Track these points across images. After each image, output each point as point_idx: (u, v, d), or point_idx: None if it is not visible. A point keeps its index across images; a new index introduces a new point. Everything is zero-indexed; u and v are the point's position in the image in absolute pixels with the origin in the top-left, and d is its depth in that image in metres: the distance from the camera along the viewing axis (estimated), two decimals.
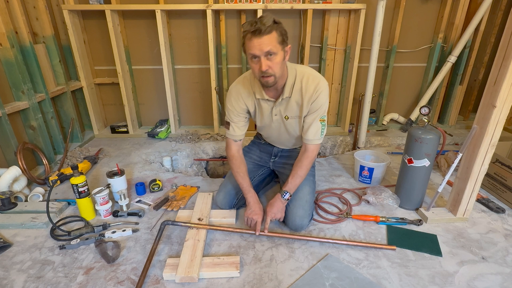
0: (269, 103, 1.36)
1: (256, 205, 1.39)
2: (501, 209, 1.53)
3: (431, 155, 1.41)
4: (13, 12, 1.84)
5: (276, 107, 1.35)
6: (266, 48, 1.09)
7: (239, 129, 1.41)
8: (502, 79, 1.14)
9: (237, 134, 1.42)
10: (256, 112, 1.42)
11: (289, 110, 1.35)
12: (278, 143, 1.59)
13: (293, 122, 1.39)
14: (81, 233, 1.34)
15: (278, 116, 1.38)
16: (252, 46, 1.10)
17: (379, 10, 2.05)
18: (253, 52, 1.11)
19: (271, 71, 1.14)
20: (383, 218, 1.44)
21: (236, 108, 1.38)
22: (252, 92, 1.35)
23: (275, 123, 1.42)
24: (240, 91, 1.37)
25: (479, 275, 1.14)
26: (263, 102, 1.36)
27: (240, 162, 1.44)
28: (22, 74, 1.83)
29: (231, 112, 1.40)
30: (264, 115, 1.41)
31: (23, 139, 1.94)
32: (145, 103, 2.75)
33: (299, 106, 1.33)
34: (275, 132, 1.49)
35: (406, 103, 2.82)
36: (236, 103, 1.38)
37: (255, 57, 1.13)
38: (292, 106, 1.34)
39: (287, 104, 1.34)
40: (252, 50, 1.11)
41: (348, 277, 1.12)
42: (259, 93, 1.32)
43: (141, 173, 1.97)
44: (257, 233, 1.30)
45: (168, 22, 2.41)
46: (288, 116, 1.37)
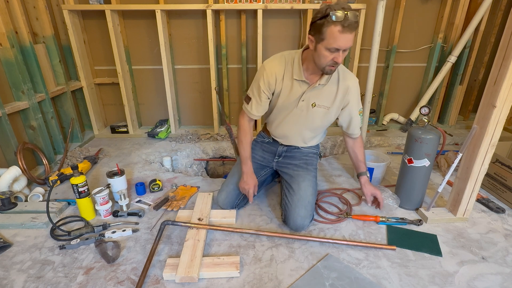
0: (303, 87, 1.37)
1: (249, 177, 1.47)
2: (501, 209, 1.53)
3: (431, 155, 1.41)
4: (13, 12, 1.84)
5: (307, 92, 1.37)
6: (350, 44, 1.14)
7: (257, 108, 1.44)
8: (502, 79, 1.14)
9: (253, 113, 1.46)
10: (281, 92, 1.39)
11: (320, 98, 1.39)
12: (285, 137, 1.54)
13: (318, 111, 1.41)
14: (81, 233, 1.34)
15: (305, 102, 1.39)
16: (340, 40, 1.11)
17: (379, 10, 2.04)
18: (339, 45, 1.12)
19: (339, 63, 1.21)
20: (383, 218, 1.44)
21: (266, 84, 1.37)
22: (287, 71, 1.36)
23: (297, 110, 1.41)
24: (275, 67, 1.36)
25: (479, 275, 1.14)
26: (297, 84, 1.36)
27: (247, 133, 1.50)
28: (22, 74, 1.83)
29: (257, 86, 1.40)
30: (291, 99, 1.40)
31: (23, 139, 1.94)
32: (145, 103, 2.75)
33: (332, 96, 1.39)
34: (291, 121, 1.46)
35: (406, 103, 2.82)
36: (267, 79, 1.36)
37: (337, 50, 1.15)
38: (324, 95, 1.38)
39: (320, 91, 1.38)
40: (338, 44, 1.12)
41: (348, 277, 1.12)
42: (297, 74, 1.34)
43: (141, 173, 1.97)
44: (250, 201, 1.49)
45: (168, 22, 2.41)
46: (316, 103, 1.39)
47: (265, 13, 2.32)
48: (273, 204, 1.62)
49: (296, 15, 2.40)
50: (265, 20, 2.36)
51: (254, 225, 1.45)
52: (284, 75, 1.36)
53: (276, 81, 1.37)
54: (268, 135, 1.63)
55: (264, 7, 2.21)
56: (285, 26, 2.43)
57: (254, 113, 1.45)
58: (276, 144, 1.61)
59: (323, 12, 1.11)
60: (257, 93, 1.41)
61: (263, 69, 1.37)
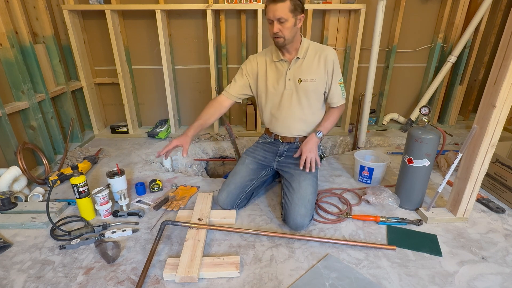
0: (284, 66, 1.49)
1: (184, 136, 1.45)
2: (501, 209, 1.53)
3: (431, 155, 1.41)
4: (13, 12, 1.84)
5: (290, 70, 1.47)
6: (278, 15, 1.30)
7: (234, 89, 1.56)
8: (502, 79, 1.14)
9: (229, 91, 1.56)
10: (268, 76, 1.51)
11: (304, 72, 1.47)
12: (284, 126, 1.57)
13: (307, 86, 1.47)
14: (81, 233, 1.34)
15: (292, 80, 1.48)
16: (268, 11, 1.33)
17: (379, 10, 2.05)
18: (267, 17, 1.34)
19: (281, 33, 1.35)
20: (383, 218, 1.44)
21: (247, 67, 1.55)
22: (268, 58, 1.52)
23: (288, 91, 1.50)
24: (257, 56, 1.56)
25: (479, 275, 1.14)
26: (279, 64, 1.50)
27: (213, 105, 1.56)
28: (22, 74, 1.83)
29: (239, 71, 1.58)
30: (279, 81, 1.50)
31: (23, 139, 1.94)
32: (145, 103, 2.75)
33: (313, 67, 1.46)
34: (286, 105, 1.52)
35: (406, 103, 2.82)
36: (249, 63, 1.56)
37: (270, 21, 1.34)
38: (305, 68, 1.47)
39: (301, 66, 1.47)
40: (267, 15, 1.34)
41: (348, 277, 1.12)
42: (276, 56, 1.49)
43: (141, 173, 1.97)
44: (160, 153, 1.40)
45: (168, 22, 2.41)
46: (302, 79, 1.47)
47: None
48: (273, 204, 1.62)
49: None
50: (265, 20, 2.35)
51: (254, 225, 1.45)
52: (267, 61, 1.52)
53: (257, 64, 1.53)
54: (270, 135, 1.65)
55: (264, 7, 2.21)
56: None
57: (230, 91, 1.56)
58: (277, 143, 1.62)
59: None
60: (237, 77, 1.57)
61: (247, 59, 1.59)
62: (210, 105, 1.56)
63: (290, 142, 1.61)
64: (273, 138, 1.64)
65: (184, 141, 1.44)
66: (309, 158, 1.46)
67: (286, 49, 1.45)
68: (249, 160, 1.63)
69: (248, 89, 1.59)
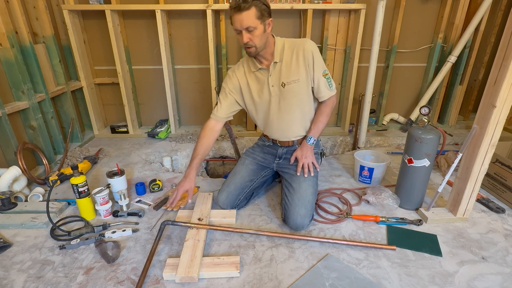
0: (264, 73, 1.43)
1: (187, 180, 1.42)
2: (501, 209, 1.53)
3: (431, 155, 1.41)
4: (13, 12, 1.84)
5: (271, 75, 1.41)
6: (246, 24, 1.23)
7: (222, 110, 1.50)
8: (502, 79, 1.14)
9: (217, 114, 1.50)
10: (251, 88, 1.47)
11: (285, 75, 1.40)
12: (279, 131, 1.53)
13: (291, 88, 1.41)
14: (81, 233, 1.34)
15: (276, 87, 1.43)
16: (234, 22, 1.25)
17: (379, 10, 2.05)
18: (234, 27, 1.27)
19: (252, 43, 1.28)
20: (383, 218, 1.44)
21: (229, 85, 1.49)
22: (246, 69, 1.47)
23: (274, 98, 1.45)
24: (235, 70, 1.51)
25: (479, 275, 1.14)
26: (259, 73, 1.44)
27: (206, 134, 1.49)
28: (22, 74, 1.83)
29: (222, 90, 1.52)
30: (263, 92, 1.45)
31: (23, 139, 1.94)
32: (145, 103, 2.75)
33: (292, 67, 1.39)
34: (276, 111, 1.47)
35: (406, 103, 2.82)
36: (229, 80, 1.50)
37: (238, 31, 1.27)
38: (285, 71, 1.40)
39: (281, 68, 1.40)
40: (234, 25, 1.26)
41: (348, 277, 1.12)
42: (253, 65, 1.43)
43: (141, 173, 1.97)
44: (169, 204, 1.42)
45: (168, 22, 2.41)
46: (285, 82, 1.40)
47: None
48: (273, 204, 1.62)
49: (296, 15, 2.40)
50: None
51: (254, 225, 1.45)
52: (245, 72, 1.47)
53: (238, 79, 1.48)
54: (268, 139, 1.64)
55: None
56: (285, 26, 2.44)
57: (218, 114, 1.50)
58: (276, 146, 1.61)
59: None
60: (222, 97, 1.51)
61: (226, 76, 1.52)
62: (203, 135, 1.49)
63: (288, 145, 1.58)
64: (271, 142, 1.62)
65: (189, 186, 1.42)
66: (305, 163, 1.47)
67: (261, 56, 1.39)
68: (249, 160, 1.63)
69: (236, 105, 1.53)
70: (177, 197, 1.41)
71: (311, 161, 1.48)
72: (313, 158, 1.50)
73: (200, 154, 1.46)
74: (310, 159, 1.48)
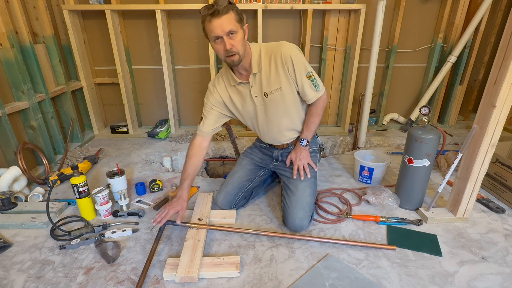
0: (245, 87, 1.38)
1: (179, 201, 1.34)
2: (501, 209, 1.53)
3: (431, 155, 1.41)
4: (13, 12, 1.84)
5: (252, 88, 1.36)
6: (227, 27, 1.14)
7: (208, 125, 1.46)
8: (502, 79, 1.14)
9: (203, 130, 1.46)
10: (234, 100, 1.43)
11: (266, 84, 1.34)
12: (271, 138, 1.53)
13: (275, 97, 1.35)
14: (81, 233, 1.34)
15: (259, 97, 1.38)
16: (214, 28, 1.14)
17: (379, 10, 2.05)
18: (215, 34, 1.16)
19: (235, 49, 1.19)
20: (383, 218, 1.44)
21: (211, 100, 1.45)
22: (226, 83, 1.42)
23: (259, 107, 1.40)
24: (216, 84, 1.45)
25: (479, 275, 1.14)
26: (240, 87, 1.39)
27: (194, 153, 1.45)
28: (22, 74, 1.83)
29: (205, 105, 1.47)
30: (247, 103, 1.41)
31: (23, 139, 1.94)
32: (145, 103, 2.75)
33: (272, 75, 1.32)
34: (264, 120, 1.44)
35: (406, 103, 2.82)
36: (211, 95, 1.45)
37: (218, 38, 1.17)
38: (265, 80, 1.34)
39: (261, 79, 1.34)
40: (214, 32, 1.15)
41: (348, 277, 1.12)
42: (233, 80, 1.37)
43: (141, 173, 1.97)
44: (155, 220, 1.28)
45: (168, 22, 2.41)
46: (267, 92, 1.35)
47: (265, 13, 2.32)
48: (273, 204, 1.62)
49: (296, 15, 2.40)
50: (265, 20, 2.36)
51: (254, 225, 1.45)
52: (226, 86, 1.42)
53: (219, 94, 1.43)
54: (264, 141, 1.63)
55: (264, 7, 2.21)
56: (285, 26, 2.43)
57: (203, 129, 1.46)
58: (271, 148, 1.61)
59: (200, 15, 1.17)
60: (206, 112, 1.47)
61: (208, 90, 1.48)
62: (191, 154, 1.44)
63: (283, 147, 1.57)
64: (267, 144, 1.61)
65: (181, 207, 1.34)
66: (300, 165, 1.45)
67: (241, 67, 1.32)
68: (247, 161, 1.63)
69: (222, 118, 1.49)
70: (166, 216, 1.30)
71: (306, 162, 1.47)
72: (309, 159, 1.48)
73: (190, 175, 1.42)
74: (305, 161, 1.46)
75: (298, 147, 1.48)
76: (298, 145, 1.48)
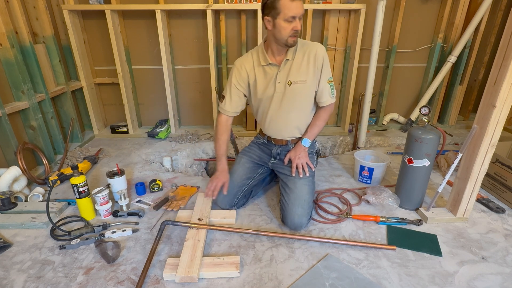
0: (274, 69, 1.43)
1: (222, 174, 1.48)
2: (501, 209, 1.53)
3: (431, 155, 1.41)
4: (13, 12, 1.84)
5: (280, 73, 1.42)
6: (303, 10, 1.28)
7: (230, 104, 1.51)
8: (502, 79, 1.14)
9: (226, 109, 1.51)
10: (257, 81, 1.47)
11: (293, 74, 1.42)
12: (274, 129, 1.55)
13: (296, 88, 1.43)
14: (81, 233, 1.34)
15: (282, 83, 1.44)
16: (295, 7, 1.25)
17: (379, 10, 2.05)
18: (294, 13, 1.25)
19: (299, 31, 1.32)
20: (383, 218, 1.44)
21: (237, 78, 1.48)
22: (255, 62, 1.46)
23: (278, 94, 1.45)
24: (244, 62, 1.48)
25: (479, 275, 1.14)
26: (268, 68, 1.44)
27: (223, 132, 1.53)
28: (22, 74, 1.83)
29: (229, 84, 1.50)
30: (269, 85, 1.46)
31: (23, 139, 1.94)
32: (145, 103, 2.75)
33: (303, 68, 1.41)
34: (276, 107, 1.48)
35: (406, 103, 2.82)
36: (238, 73, 1.47)
37: (294, 18, 1.27)
38: (294, 70, 1.42)
39: (291, 67, 1.42)
40: (294, 12, 1.25)
41: (348, 277, 1.12)
42: (264, 59, 1.43)
43: (141, 173, 1.97)
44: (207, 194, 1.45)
45: (168, 22, 2.41)
46: (291, 81, 1.42)
47: None
48: (273, 204, 1.62)
49: None
50: None
51: (254, 225, 1.45)
52: (254, 65, 1.46)
53: (247, 72, 1.47)
54: (263, 136, 1.64)
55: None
56: None
57: (227, 109, 1.51)
58: (270, 145, 1.62)
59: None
60: (229, 90, 1.50)
61: (234, 67, 1.50)
62: (222, 131, 1.53)
63: (282, 144, 1.58)
64: (266, 139, 1.63)
65: (226, 179, 1.48)
66: (299, 164, 1.47)
67: (282, 49, 1.40)
68: (245, 159, 1.63)
69: (243, 99, 1.54)
70: (216, 188, 1.44)
71: (305, 162, 1.48)
72: (307, 158, 1.50)
73: (225, 150, 1.54)
74: (304, 160, 1.48)
75: (299, 145, 1.52)
76: (299, 143, 1.52)
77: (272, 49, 1.41)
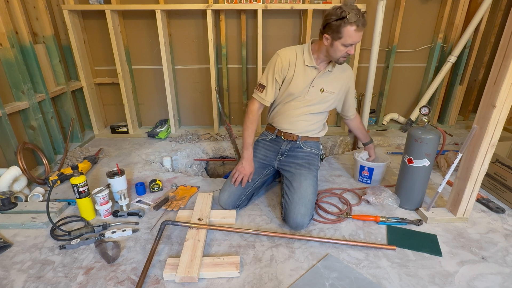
0: (313, 73, 1.50)
1: (248, 163, 1.53)
2: (501, 209, 1.53)
3: (431, 155, 1.41)
4: (13, 12, 1.84)
5: (317, 78, 1.51)
6: (361, 38, 1.36)
7: (271, 94, 1.54)
8: (502, 79, 1.14)
9: (266, 99, 1.54)
10: (294, 77, 1.50)
11: (328, 83, 1.53)
12: (289, 121, 1.59)
13: (325, 96, 1.55)
14: (81, 233, 1.34)
15: (315, 88, 1.52)
16: (357, 37, 1.31)
17: (379, 10, 2.05)
18: (353, 41, 1.33)
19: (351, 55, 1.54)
20: (383, 218, 1.44)
21: (278, 67, 1.49)
22: (298, 58, 1.50)
23: (308, 96, 1.53)
24: (288, 53, 1.50)
25: (479, 275, 1.14)
26: (308, 70, 1.50)
27: (254, 121, 1.57)
28: (22, 74, 1.83)
29: (268, 73, 1.52)
30: (303, 85, 1.51)
31: (23, 139, 1.94)
32: (145, 103, 2.75)
33: (338, 82, 1.55)
34: (299, 106, 1.55)
35: (406, 103, 2.82)
36: (280, 62, 1.49)
37: (351, 44, 1.34)
38: (330, 81, 1.54)
39: (328, 78, 1.53)
40: (354, 40, 1.32)
41: (348, 277, 1.12)
42: (308, 61, 1.49)
43: (141, 173, 1.97)
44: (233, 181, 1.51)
45: (168, 22, 2.41)
46: (324, 89, 1.53)
47: (265, 13, 2.32)
48: (273, 204, 1.62)
49: (296, 15, 2.40)
50: (265, 20, 2.36)
51: (254, 225, 1.45)
52: (297, 61, 1.49)
53: (289, 65, 1.49)
54: (272, 132, 1.65)
55: (264, 7, 2.21)
56: (285, 26, 2.43)
57: (268, 99, 1.54)
58: (279, 142, 1.63)
59: (338, 14, 1.28)
60: (271, 79, 1.52)
61: (277, 56, 1.50)
62: (252, 120, 1.56)
63: (292, 140, 1.61)
64: (275, 135, 1.65)
65: (253, 169, 1.55)
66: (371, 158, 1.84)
67: (325, 60, 1.49)
68: None
69: (278, 90, 1.56)
70: (245, 178, 1.50)
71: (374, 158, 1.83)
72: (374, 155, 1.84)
73: (253, 140, 1.58)
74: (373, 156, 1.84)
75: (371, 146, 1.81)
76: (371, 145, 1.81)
77: (319, 56, 1.47)
